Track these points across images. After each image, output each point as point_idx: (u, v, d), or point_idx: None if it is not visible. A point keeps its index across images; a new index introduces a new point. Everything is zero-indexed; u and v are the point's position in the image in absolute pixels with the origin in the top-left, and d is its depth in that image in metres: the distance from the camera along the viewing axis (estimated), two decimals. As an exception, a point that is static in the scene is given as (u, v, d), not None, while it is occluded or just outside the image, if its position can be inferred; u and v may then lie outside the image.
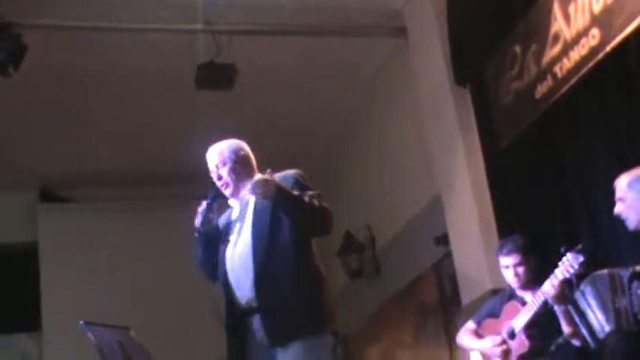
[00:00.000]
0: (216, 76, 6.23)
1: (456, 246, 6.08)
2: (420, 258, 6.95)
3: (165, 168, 8.44)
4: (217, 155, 3.61)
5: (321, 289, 3.44)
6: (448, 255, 6.31)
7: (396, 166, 7.39)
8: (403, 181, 7.22)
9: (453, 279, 6.29)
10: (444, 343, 6.60)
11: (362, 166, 8.22)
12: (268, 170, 3.40)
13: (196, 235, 3.61)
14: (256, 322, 3.35)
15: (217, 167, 3.58)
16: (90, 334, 5.19)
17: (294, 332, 3.29)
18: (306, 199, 3.35)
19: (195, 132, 7.91)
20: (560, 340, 3.91)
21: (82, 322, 5.30)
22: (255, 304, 3.36)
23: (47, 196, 8.82)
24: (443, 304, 6.74)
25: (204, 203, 3.59)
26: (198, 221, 3.59)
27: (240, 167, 3.59)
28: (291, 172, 3.55)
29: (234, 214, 3.60)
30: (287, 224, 3.36)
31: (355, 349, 8.45)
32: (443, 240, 6.37)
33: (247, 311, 3.39)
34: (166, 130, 7.76)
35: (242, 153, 3.64)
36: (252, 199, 3.50)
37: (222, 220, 3.67)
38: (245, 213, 3.52)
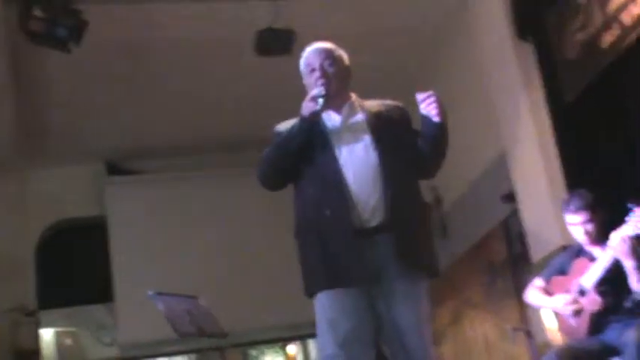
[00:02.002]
0: (275, 41, 6.22)
1: (523, 203, 6.00)
2: (487, 217, 6.89)
3: (228, 136, 8.50)
4: (326, 52, 3.24)
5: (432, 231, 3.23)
6: (515, 212, 6.23)
7: (460, 125, 7.23)
8: (468, 140, 7.12)
9: (522, 236, 6.21)
10: (513, 301, 6.53)
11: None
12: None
13: (300, 123, 3.12)
14: (383, 242, 2.98)
15: (323, 66, 3.19)
16: (159, 304, 5.30)
17: (425, 263, 3.07)
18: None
19: (257, 99, 7.99)
20: (635, 295, 3.82)
21: (150, 292, 5.42)
22: (387, 223, 2.99)
23: (113, 169, 8.95)
24: (512, 262, 6.67)
25: (316, 91, 3.13)
26: (307, 109, 3.10)
27: (345, 74, 3.27)
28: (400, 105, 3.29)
29: (333, 123, 3.20)
30: (408, 153, 3.11)
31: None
32: (510, 197, 6.29)
33: (372, 230, 2.99)
34: (228, 99, 7.80)
35: (348, 63, 3.30)
36: (359, 113, 3.21)
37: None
38: (352, 126, 3.17)
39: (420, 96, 3.06)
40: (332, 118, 3.21)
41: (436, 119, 3.06)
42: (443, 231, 7.86)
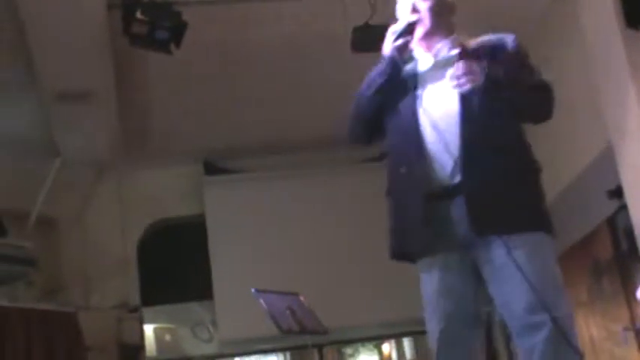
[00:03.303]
0: (371, 38, 6.15)
1: (631, 198, 5.77)
2: (592, 213, 6.67)
3: (324, 133, 8.49)
4: None
5: (541, 187, 2.77)
6: (623, 208, 6.00)
7: (564, 116, 7.05)
8: (572, 132, 6.90)
9: (629, 233, 5.99)
10: (621, 300, 6.31)
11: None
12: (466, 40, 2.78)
13: (381, 65, 2.81)
14: (464, 204, 2.63)
15: (414, 2, 2.85)
16: (261, 301, 5.36)
17: (517, 222, 2.64)
18: (529, 81, 2.74)
19: (351, 97, 7.95)
20: None
21: (253, 289, 5.48)
22: (465, 182, 2.62)
23: (211, 168, 9.08)
24: (619, 260, 6.45)
25: (397, 26, 2.80)
26: (389, 47, 2.78)
27: (444, 9, 2.89)
28: (509, 37, 2.91)
29: (423, 65, 2.83)
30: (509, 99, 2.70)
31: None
32: (617, 193, 6.07)
33: (449, 191, 2.66)
34: (323, 96, 7.79)
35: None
36: (454, 53, 2.82)
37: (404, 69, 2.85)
38: (443, 70, 2.73)
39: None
40: (423, 60, 2.83)
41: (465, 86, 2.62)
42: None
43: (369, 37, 6.17)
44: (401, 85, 2.77)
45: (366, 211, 8.62)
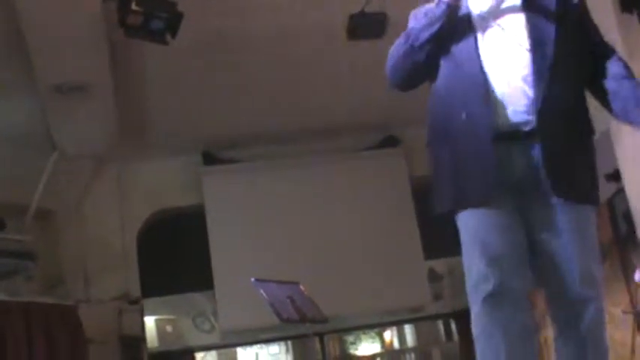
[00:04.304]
0: (368, 25, 6.16)
1: (629, 182, 5.79)
2: (590, 197, 6.67)
3: (322, 122, 8.50)
4: None
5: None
6: (621, 192, 6.02)
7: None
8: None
9: (628, 216, 6.00)
10: (621, 283, 6.33)
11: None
12: None
13: (438, 8, 2.60)
14: (537, 153, 2.51)
15: None
16: (261, 291, 5.36)
17: (587, 187, 2.56)
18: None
19: (349, 85, 7.96)
20: None
21: (253, 279, 5.48)
22: (540, 129, 2.48)
23: (209, 159, 9.08)
24: (618, 243, 6.46)
25: None
26: None
27: None
28: None
29: (477, 7, 2.65)
30: (577, 56, 2.59)
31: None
32: (614, 176, 6.07)
33: (523, 134, 2.52)
34: (320, 85, 7.78)
35: None
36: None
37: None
38: (501, 14, 2.60)
39: None
40: (481, 1, 2.65)
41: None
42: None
43: (364, 24, 6.17)
44: (457, 27, 2.60)
45: (366, 199, 8.67)
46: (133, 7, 5.55)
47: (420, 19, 2.66)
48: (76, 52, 6.12)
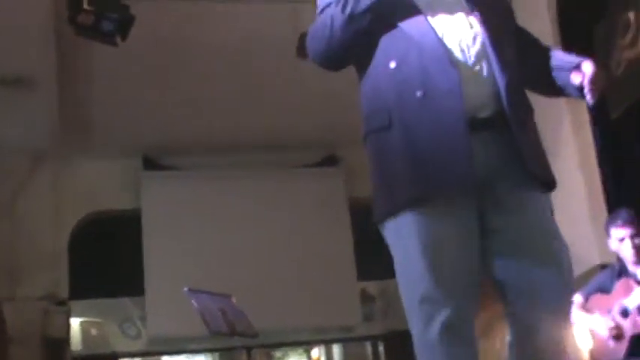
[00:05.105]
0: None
1: (561, 219, 5.90)
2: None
3: (266, 136, 8.52)
4: None
5: None
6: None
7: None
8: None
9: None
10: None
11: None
12: None
13: None
14: (497, 141, 2.19)
15: None
16: (193, 301, 5.32)
17: (546, 172, 2.28)
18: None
19: (295, 101, 8.00)
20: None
21: (185, 288, 5.44)
22: (503, 116, 2.19)
23: (150, 164, 9.01)
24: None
25: None
26: None
27: None
28: None
29: None
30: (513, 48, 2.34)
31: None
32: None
33: (483, 122, 2.19)
34: (266, 99, 7.82)
35: None
36: None
37: None
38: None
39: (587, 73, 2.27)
40: None
41: (589, 100, 2.31)
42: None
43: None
44: (398, 4, 2.27)
45: (303, 215, 8.70)
46: (85, 5, 5.50)
47: None
48: (21, 43, 6.02)
